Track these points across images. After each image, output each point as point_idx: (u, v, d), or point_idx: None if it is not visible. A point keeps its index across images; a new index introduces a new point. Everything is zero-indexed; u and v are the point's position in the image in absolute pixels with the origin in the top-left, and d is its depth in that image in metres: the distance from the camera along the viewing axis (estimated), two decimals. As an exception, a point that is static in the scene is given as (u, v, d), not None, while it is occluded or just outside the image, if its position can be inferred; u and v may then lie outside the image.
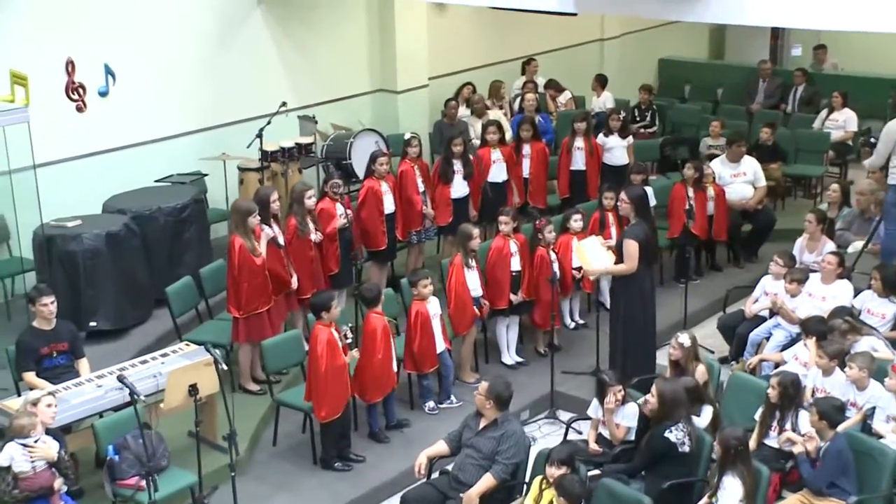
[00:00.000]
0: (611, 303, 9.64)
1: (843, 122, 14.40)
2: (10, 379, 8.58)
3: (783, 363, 8.80)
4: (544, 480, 7.04)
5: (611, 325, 9.52)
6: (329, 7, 13.27)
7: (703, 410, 7.90)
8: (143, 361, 8.41)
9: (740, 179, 12.13)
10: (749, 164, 12.22)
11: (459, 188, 11.49)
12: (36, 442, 7.00)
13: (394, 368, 9.03)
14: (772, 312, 9.66)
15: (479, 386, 7.63)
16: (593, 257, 9.50)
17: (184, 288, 9.89)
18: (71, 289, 9.90)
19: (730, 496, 6.90)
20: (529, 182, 12.24)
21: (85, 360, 8.58)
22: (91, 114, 11.40)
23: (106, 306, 10.07)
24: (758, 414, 7.87)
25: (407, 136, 11.57)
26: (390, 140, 12.87)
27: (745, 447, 7.02)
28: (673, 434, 7.33)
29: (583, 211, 10.73)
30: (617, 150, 12.79)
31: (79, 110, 11.31)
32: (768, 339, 9.55)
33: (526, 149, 12.22)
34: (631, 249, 9.11)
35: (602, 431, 8.13)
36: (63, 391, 7.86)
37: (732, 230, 12.02)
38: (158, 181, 11.76)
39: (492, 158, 11.85)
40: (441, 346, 9.32)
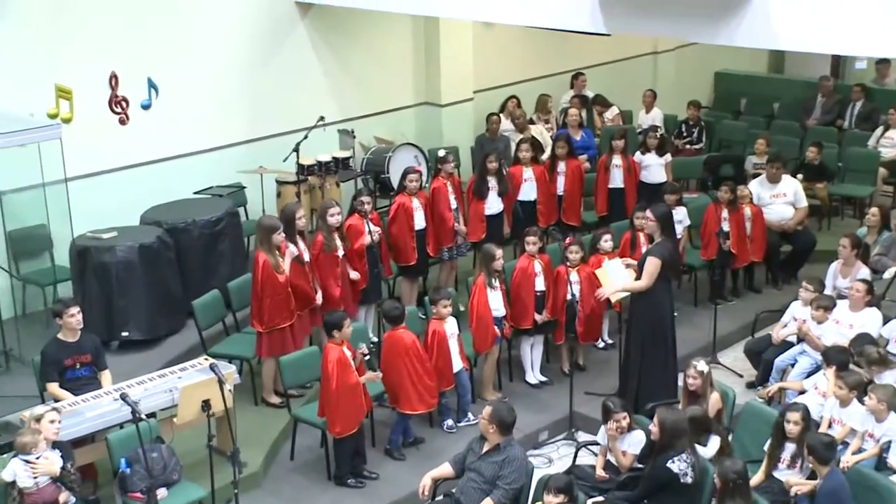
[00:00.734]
0: (628, 325, 9.50)
1: (899, 141, 14.01)
2: (37, 388, 8.80)
3: (804, 391, 8.68)
4: (542, 508, 7.02)
5: (625, 349, 9.44)
6: (374, 21, 13.33)
7: (710, 440, 7.79)
8: (162, 375, 8.58)
9: (780, 200, 11.93)
10: (789, 185, 12.01)
11: (494, 205, 11.46)
12: (38, 458, 7.16)
13: (431, 382, 9.05)
14: (799, 338, 9.52)
15: (483, 410, 7.63)
16: (615, 278, 9.44)
17: (211, 301, 10.06)
18: (104, 299, 10.15)
19: (728, 530, 6.82)
20: (563, 199, 12.19)
21: (107, 373, 8.74)
22: (133, 126, 11.64)
23: (138, 317, 10.27)
24: (766, 445, 7.77)
25: (441, 154, 11.60)
26: (431, 154, 12.90)
27: (745, 481, 6.93)
28: (675, 464, 7.24)
29: (612, 231, 10.65)
30: (654, 168, 12.66)
31: (122, 123, 11.56)
32: (794, 366, 9.43)
33: (561, 166, 12.18)
34: (651, 267, 8.97)
35: (611, 458, 8.09)
36: (81, 403, 8.08)
37: (771, 251, 11.82)
38: (198, 193, 11.95)
39: (523, 177, 11.81)
40: (458, 366, 9.34)
